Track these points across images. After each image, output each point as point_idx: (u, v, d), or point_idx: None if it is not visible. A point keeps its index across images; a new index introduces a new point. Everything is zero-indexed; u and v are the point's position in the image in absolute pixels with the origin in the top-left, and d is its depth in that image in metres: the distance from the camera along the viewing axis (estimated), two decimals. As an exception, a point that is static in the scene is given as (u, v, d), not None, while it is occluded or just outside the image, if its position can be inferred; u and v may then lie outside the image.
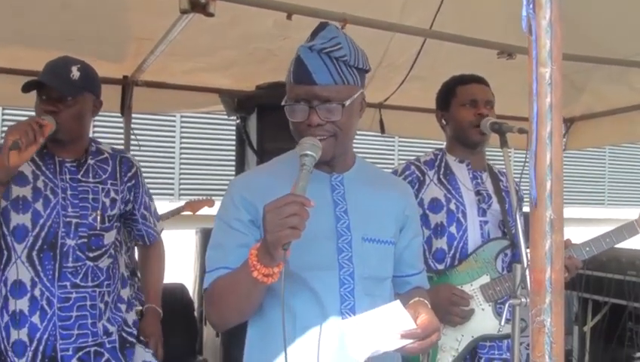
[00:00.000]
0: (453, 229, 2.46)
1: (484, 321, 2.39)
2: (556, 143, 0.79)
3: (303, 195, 1.39)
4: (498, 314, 2.39)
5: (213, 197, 4.77)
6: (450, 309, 2.33)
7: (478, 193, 2.52)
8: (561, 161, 0.79)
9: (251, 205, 1.63)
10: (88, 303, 2.29)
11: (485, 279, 2.42)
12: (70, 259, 2.26)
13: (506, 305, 2.01)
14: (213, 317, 1.68)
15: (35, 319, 2.21)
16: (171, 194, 7.83)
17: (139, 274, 4.36)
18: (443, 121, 2.62)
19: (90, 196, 2.33)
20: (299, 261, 1.57)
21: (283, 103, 1.63)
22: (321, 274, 1.61)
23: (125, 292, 2.49)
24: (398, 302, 1.56)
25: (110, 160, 2.44)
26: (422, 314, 1.58)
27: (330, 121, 1.59)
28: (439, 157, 2.60)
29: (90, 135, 2.52)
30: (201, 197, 4.73)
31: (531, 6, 0.80)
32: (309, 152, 1.49)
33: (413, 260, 1.88)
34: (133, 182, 2.49)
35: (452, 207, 2.48)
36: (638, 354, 4.17)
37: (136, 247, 2.97)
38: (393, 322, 1.51)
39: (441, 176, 2.53)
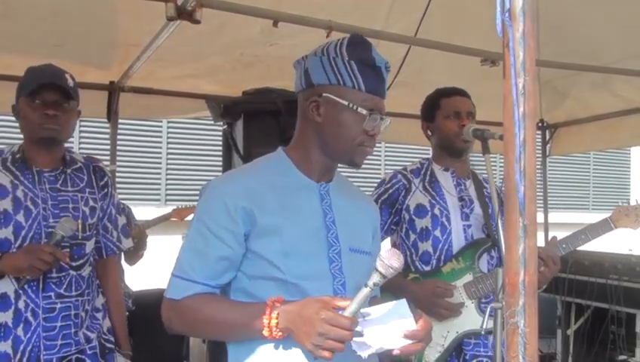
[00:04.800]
0: (437, 233, 2.57)
1: (467, 318, 2.51)
2: (529, 151, 0.82)
3: (353, 320, 1.42)
4: (481, 311, 2.51)
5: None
6: (435, 301, 2.47)
7: (461, 199, 2.64)
8: (534, 168, 0.82)
9: (249, 215, 1.59)
10: (72, 312, 2.28)
11: (468, 278, 2.54)
12: (54, 269, 2.23)
13: (488, 308, 2.06)
14: (181, 330, 1.67)
15: (19, 331, 2.19)
16: (158, 200, 7.81)
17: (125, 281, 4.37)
18: (428, 132, 2.75)
19: (71, 205, 2.31)
20: (296, 271, 1.59)
21: (358, 109, 1.62)
22: (318, 283, 1.62)
23: (99, 301, 2.48)
24: (404, 300, 1.55)
25: (84, 168, 2.43)
26: (418, 316, 1.59)
27: (380, 132, 1.68)
28: (425, 166, 2.73)
29: (77, 141, 2.53)
30: (188, 204, 4.74)
31: (507, 14, 0.83)
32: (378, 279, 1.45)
33: None
34: (105, 191, 2.47)
35: (436, 212, 2.60)
36: (620, 356, 4.21)
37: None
38: (397, 320, 1.51)
39: (426, 184, 2.66)
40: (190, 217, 4.65)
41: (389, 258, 1.42)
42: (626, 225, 2.69)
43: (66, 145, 2.45)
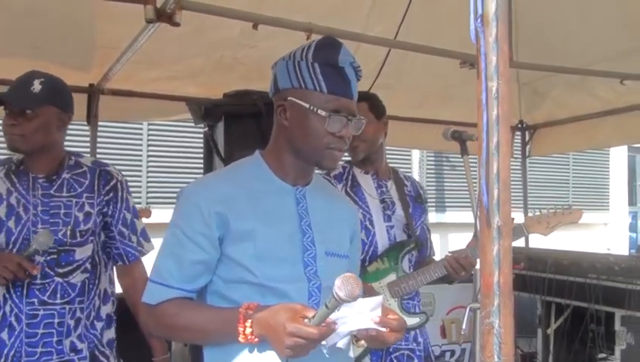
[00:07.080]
0: (362, 235, 2.63)
1: None
2: (504, 153, 0.83)
3: (321, 330, 1.39)
4: (403, 308, 2.65)
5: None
6: None
7: (382, 201, 2.75)
8: (509, 170, 0.83)
9: (223, 220, 1.60)
10: (56, 321, 2.25)
11: (392, 277, 2.66)
12: (38, 275, 2.21)
13: (467, 309, 2.09)
14: (158, 334, 1.69)
15: (4, 335, 2.20)
16: (139, 203, 7.77)
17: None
18: None
19: (62, 211, 2.29)
20: (269, 275, 1.60)
21: (318, 111, 1.60)
22: (293, 286, 1.62)
23: (106, 309, 2.42)
24: (380, 297, 1.52)
25: (88, 173, 2.39)
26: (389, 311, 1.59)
27: (355, 134, 1.67)
28: (347, 170, 2.81)
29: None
30: (141, 207, 4.72)
31: (479, 20, 0.84)
32: (344, 298, 1.30)
33: (355, 273, 1.92)
34: (110, 195, 2.40)
35: (360, 215, 2.67)
36: (600, 354, 4.26)
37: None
38: (368, 312, 1.48)
39: (349, 189, 2.75)
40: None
41: (344, 285, 1.29)
42: (537, 231, 2.86)
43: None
